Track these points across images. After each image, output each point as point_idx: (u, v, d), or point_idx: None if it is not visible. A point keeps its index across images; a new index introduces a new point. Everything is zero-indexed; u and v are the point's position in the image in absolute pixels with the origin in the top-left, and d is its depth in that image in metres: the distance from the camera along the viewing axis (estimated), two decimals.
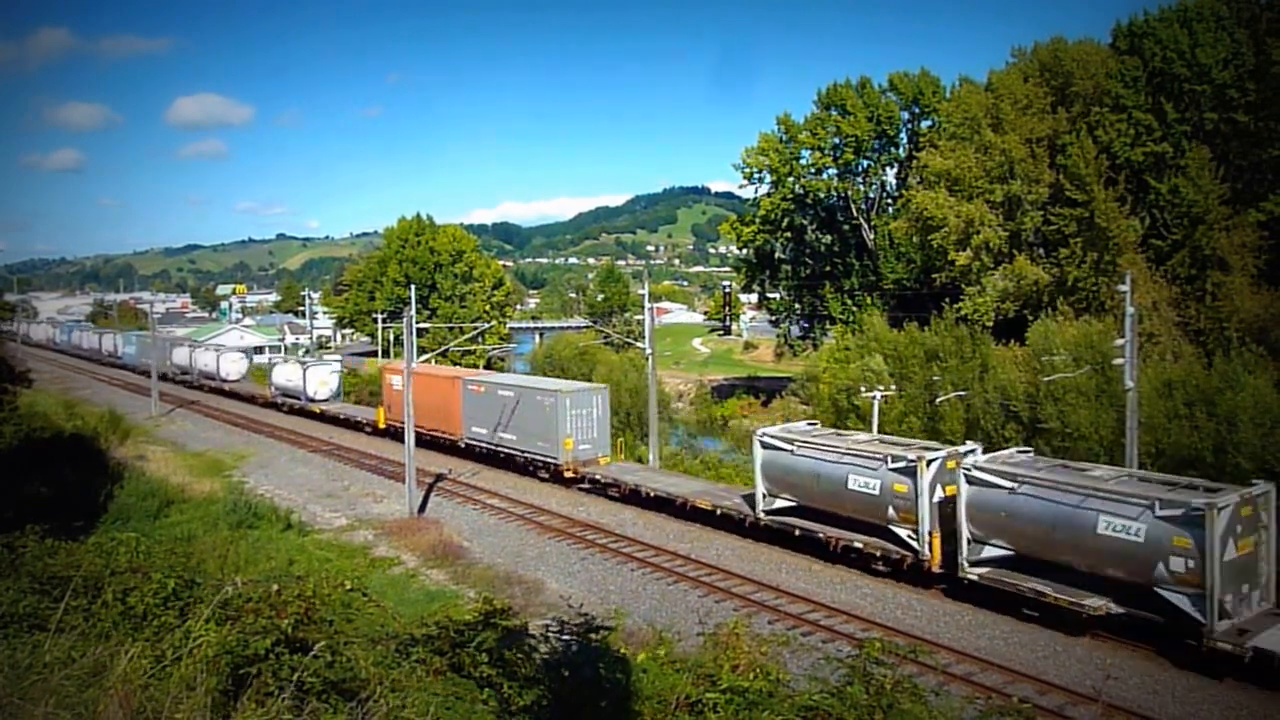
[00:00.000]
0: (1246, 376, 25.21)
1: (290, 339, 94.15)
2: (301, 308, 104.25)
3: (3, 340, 46.58)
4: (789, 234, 56.12)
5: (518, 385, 32.86)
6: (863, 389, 33.15)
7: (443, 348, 51.60)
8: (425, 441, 33.15)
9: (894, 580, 19.77)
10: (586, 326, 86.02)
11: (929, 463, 18.77)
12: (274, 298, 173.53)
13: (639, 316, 55.81)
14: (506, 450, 31.85)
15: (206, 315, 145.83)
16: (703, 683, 6.25)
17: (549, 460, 29.75)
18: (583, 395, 30.25)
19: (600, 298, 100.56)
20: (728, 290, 66.96)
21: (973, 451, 19.16)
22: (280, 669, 4.82)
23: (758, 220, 55.21)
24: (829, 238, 55.82)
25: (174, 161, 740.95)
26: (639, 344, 44.41)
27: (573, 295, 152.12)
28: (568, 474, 29.19)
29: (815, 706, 5.36)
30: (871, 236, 52.58)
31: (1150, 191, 35.22)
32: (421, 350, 46.97)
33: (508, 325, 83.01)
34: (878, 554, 19.87)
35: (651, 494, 26.33)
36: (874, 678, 5.37)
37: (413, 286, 50.14)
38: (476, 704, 5.18)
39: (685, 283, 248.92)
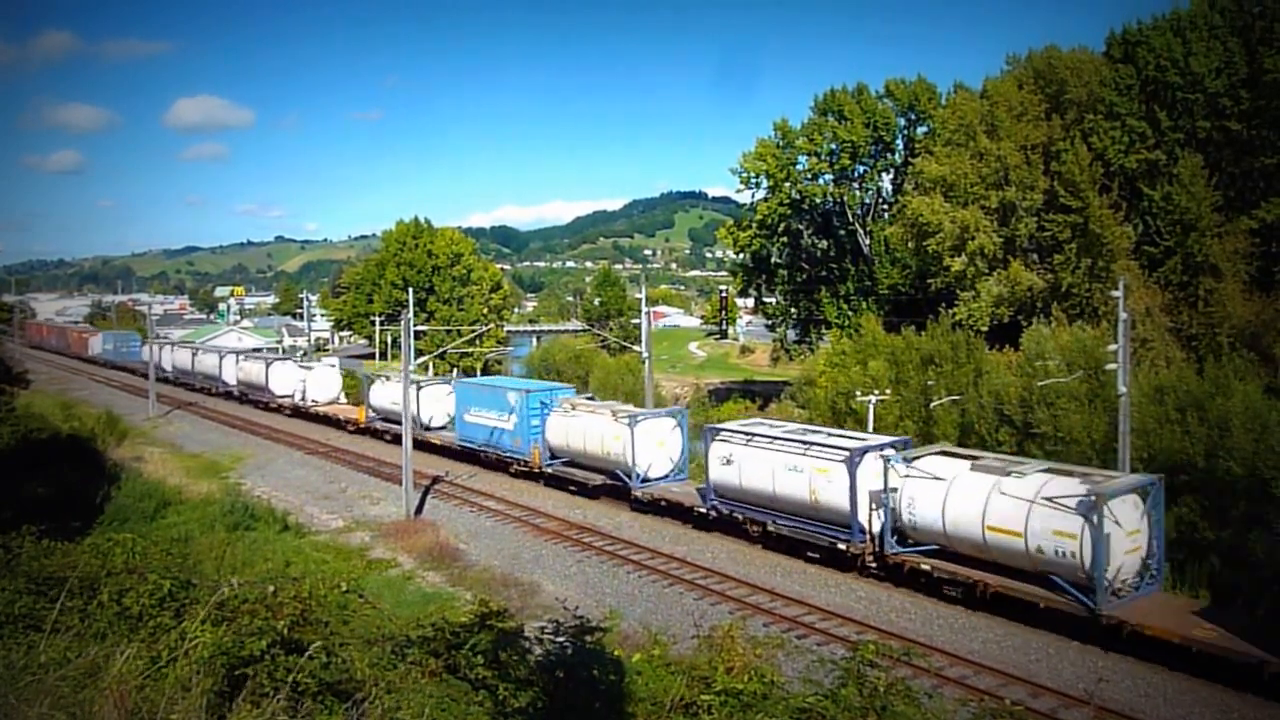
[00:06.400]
0: (1237, 382, 25.34)
1: (289, 341, 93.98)
2: (299, 310, 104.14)
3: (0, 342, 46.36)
4: (785, 239, 56.24)
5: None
6: (858, 393, 33.24)
7: (440, 350, 51.58)
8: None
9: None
10: (584, 330, 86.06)
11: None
12: (272, 299, 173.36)
13: (636, 320, 55.81)
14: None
15: (204, 317, 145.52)
16: (697, 685, 6.29)
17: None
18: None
19: (597, 301, 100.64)
20: (724, 294, 67.09)
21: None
22: (276, 670, 4.85)
23: (754, 225, 55.34)
24: (825, 243, 55.99)
25: (174, 163, 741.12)
26: (636, 347, 44.43)
27: (570, 299, 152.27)
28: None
29: (809, 709, 5.40)
30: (867, 242, 52.76)
31: (1143, 198, 35.42)
32: (419, 353, 46.90)
33: (505, 328, 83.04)
34: None
35: None
36: (868, 680, 5.42)
37: (410, 289, 50.18)
38: (471, 705, 5.21)
39: (682, 287, 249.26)
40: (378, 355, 71.03)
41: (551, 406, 30.12)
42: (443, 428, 37.23)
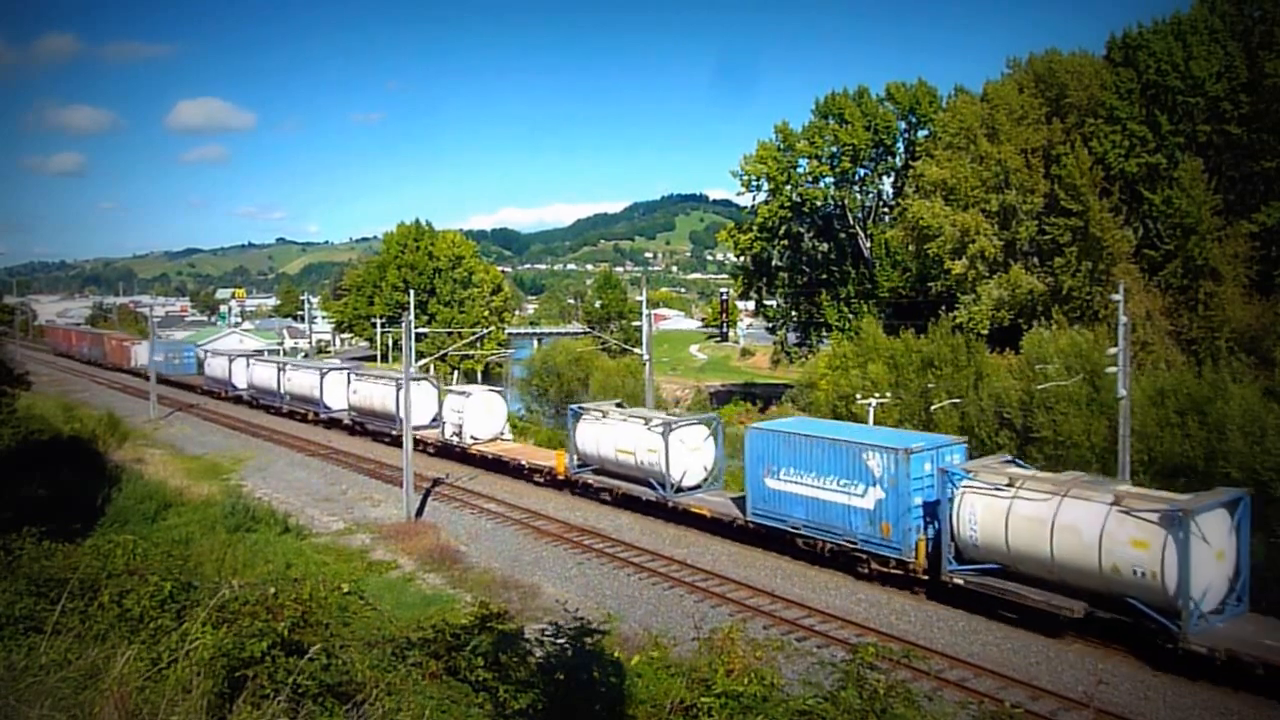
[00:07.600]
0: (1235, 386, 25.37)
1: (289, 343, 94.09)
2: (300, 312, 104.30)
3: (1, 343, 46.33)
4: (786, 241, 56.37)
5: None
6: (858, 396, 33.27)
7: (441, 352, 51.65)
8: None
9: (889, 585, 19.85)
10: (584, 332, 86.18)
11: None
12: (273, 302, 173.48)
13: (636, 323, 55.83)
14: None
15: (205, 319, 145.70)
16: (697, 687, 6.30)
17: None
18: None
19: (598, 304, 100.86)
20: (725, 297, 67.11)
21: None
22: (276, 671, 4.86)
23: (755, 228, 55.45)
24: (826, 246, 56.10)
25: (175, 165, 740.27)
26: (636, 350, 44.52)
27: (571, 301, 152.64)
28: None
29: (809, 711, 5.42)
30: (868, 245, 52.85)
31: (1144, 202, 35.49)
32: (420, 355, 46.98)
33: (506, 331, 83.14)
34: None
35: None
36: (867, 682, 5.44)
37: (411, 291, 50.33)
38: (471, 707, 5.23)
39: (683, 289, 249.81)
40: (379, 357, 71.15)
41: (959, 477, 18.23)
42: (696, 488, 26.15)
